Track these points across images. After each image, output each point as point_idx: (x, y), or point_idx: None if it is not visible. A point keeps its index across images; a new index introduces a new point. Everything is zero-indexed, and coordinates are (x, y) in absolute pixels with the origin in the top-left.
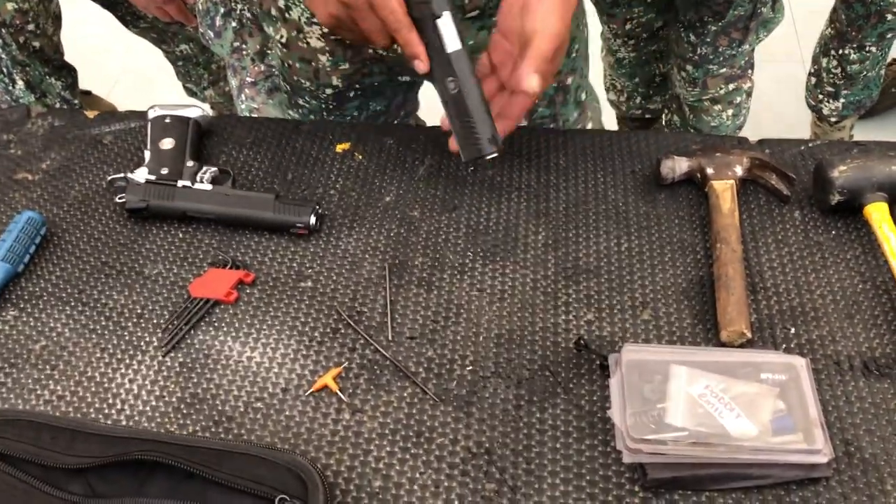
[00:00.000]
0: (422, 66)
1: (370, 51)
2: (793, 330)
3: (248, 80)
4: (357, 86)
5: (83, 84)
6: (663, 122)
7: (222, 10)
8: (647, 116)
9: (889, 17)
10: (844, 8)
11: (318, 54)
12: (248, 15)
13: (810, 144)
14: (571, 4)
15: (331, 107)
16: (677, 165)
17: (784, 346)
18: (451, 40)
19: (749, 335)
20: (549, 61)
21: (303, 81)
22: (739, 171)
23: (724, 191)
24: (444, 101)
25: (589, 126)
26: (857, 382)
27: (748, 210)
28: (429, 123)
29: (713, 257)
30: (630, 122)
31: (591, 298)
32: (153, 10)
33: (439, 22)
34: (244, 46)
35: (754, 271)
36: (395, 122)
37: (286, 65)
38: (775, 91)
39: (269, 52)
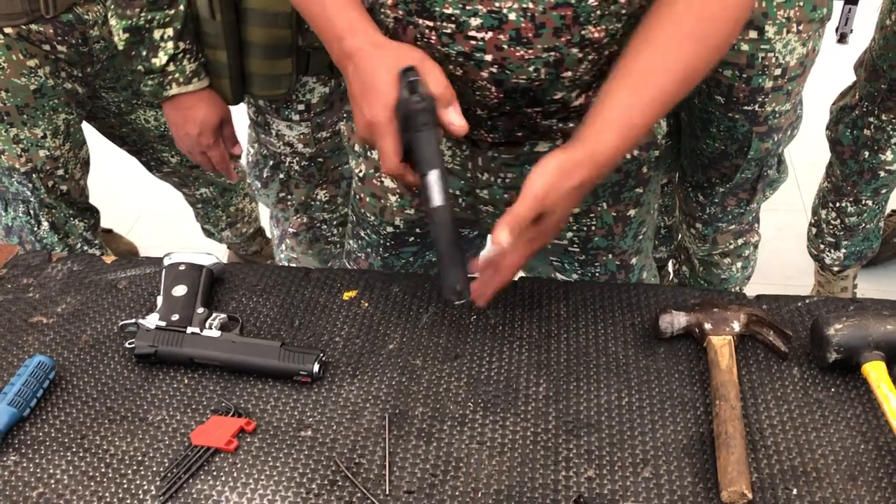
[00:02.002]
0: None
1: None
2: (795, 491)
3: (290, 230)
4: (417, 230)
5: (105, 222)
6: (672, 273)
7: (271, 162)
8: None
9: (882, 174)
10: (839, 164)
11: (388, 194)
12: (297, 168)
13: (807, 301)
14: (571, 175)
15: (388, 244)
16: (676, 320)
17: None
18: (436, 196)
19: (750, 496)
20: (524, 220)
21: (368, 215)
22: (737, 326)
23: (722, 346)
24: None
25: None
26: None
27: (747, 365)
28: None
29: (713, 414)
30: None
31: (592, 454)
32: (197, 157)
33: (427, 178)
34: (290, 197)
35: (754, 429)
36: None
37: (358, 196)
38: (779, 240)
39: (312, 203)
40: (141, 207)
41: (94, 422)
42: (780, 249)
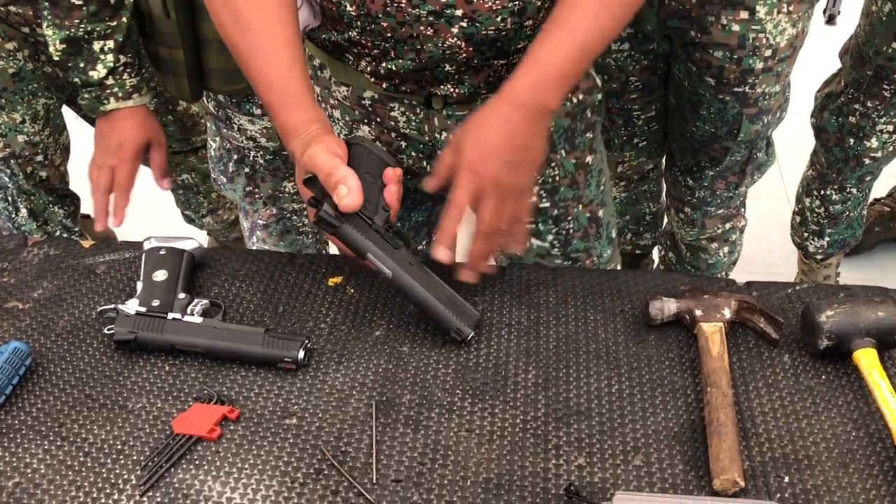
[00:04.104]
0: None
1: (407, 163)
2: (787, 479)
3: (260, 222)
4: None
5: (84, 207)
6: (658, 259)
7: (235, 156)
8: (636, 252)
9: (867, 161)
10: (824, 151)
11: None
12: (262, 161)
13: (797, 287)
14: (485, 122)
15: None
16: (666, 307)
17: (778, 495)
18: (384, 270)
19: (742, 483)
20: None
21: None
22: (728, 313)
23: (713, 333)
24: None
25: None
26: None
27: (738, 353)
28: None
29: (704, 401)
30: (620, 256)
31: (582, 442)
32: (97, 171)
33: (368, 259)
34: (257, 191)
35: (746, 416)
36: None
37: None
38: (762, 227)
39: (280, 195)
40: None
41: (73, 409)
42: (762, 237)
